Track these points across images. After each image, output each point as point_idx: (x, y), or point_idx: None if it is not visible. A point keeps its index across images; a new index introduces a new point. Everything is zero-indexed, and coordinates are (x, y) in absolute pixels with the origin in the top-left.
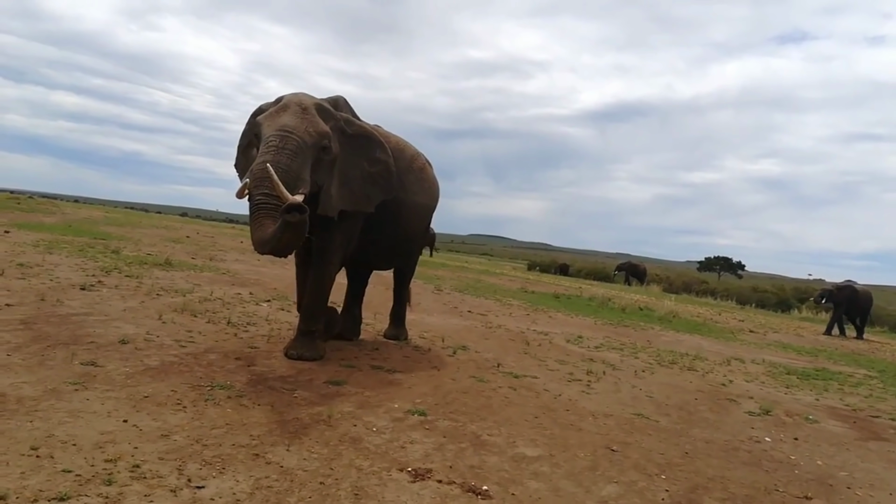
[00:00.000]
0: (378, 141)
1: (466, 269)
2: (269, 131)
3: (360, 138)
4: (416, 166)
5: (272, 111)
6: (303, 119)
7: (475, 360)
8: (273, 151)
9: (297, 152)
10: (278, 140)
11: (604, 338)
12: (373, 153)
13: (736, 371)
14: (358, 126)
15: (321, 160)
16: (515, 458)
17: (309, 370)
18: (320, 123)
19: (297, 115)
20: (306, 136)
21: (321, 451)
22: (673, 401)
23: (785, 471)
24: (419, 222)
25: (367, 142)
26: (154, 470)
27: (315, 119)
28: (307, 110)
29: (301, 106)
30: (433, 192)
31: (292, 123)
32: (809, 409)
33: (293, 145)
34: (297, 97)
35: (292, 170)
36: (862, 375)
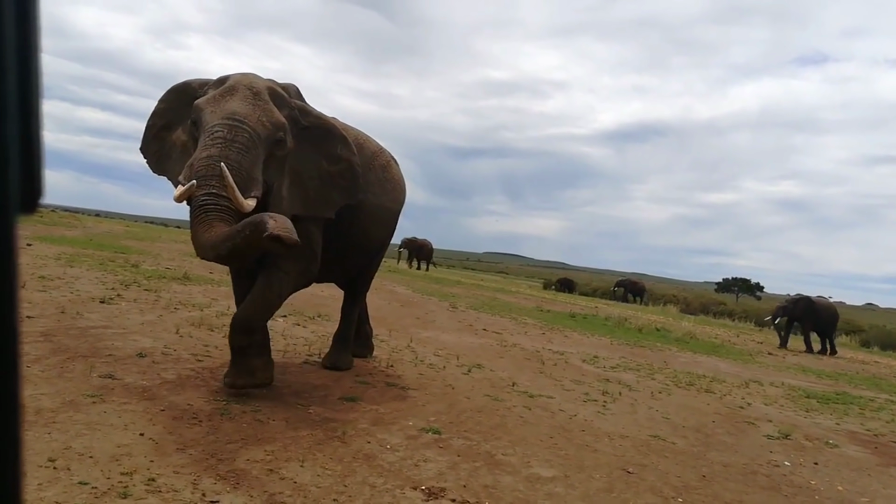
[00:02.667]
0: (340, 135)
1: (482, 287)
2: (214, 119)
3: (317, 131)
4: (378, 164)
5: (217, 94)
6: (255, 106)
7: (490, 379)
8: (220, 144)
9: (249, 147)
10: (226, 131)
11: (620, 358)
12: (333, 149)
13: (754, 394)
14: (315, 117)
15: (274, 156)
16: (530, 478)
17: (324, 386)
18: (275, 112)
19: (249, 102)
20: (259, 128)
21: (335, 467)
22: (690, 423)
23: (804, 496)
24: (380, 228)
25: (327, 136)
26: (169, 484)
27: (269, 107)
28: (259, 95)
29: (252, 90)
30: (397, 194)
31: (243, 111)
32: (829, 433)
33: (244, 138)
34: (248, 78)
35: (243, 168)
36: (883, 400)
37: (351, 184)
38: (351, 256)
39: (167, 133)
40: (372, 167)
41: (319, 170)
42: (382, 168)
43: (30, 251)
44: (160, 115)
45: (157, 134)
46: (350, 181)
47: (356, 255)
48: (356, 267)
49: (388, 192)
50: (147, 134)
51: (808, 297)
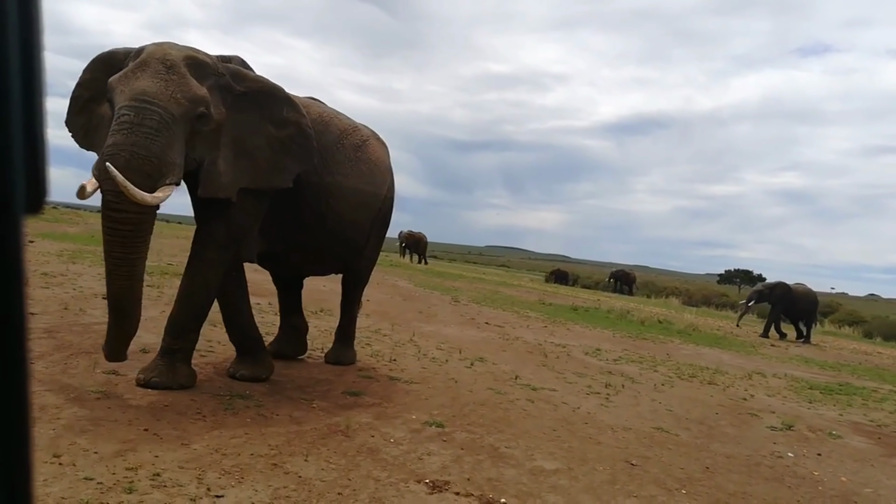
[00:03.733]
0: (283, 96)
1: (484, 281)
2: (122, 100)
3: (257, 96)
4: (349, 143)
5: (128, 70)
6: (167, 82)
7: (493, 372)
8: (126, 130)
9: (160, 129)
10: (133, 114)
11: (622, 350)
12: (278, 112)
13: (757, 385)
14: (252, 80)
15: (199, 132)
16: (533, 471)
17: (327, 381)
18: (192, 86)
19: (160, 77)
20: (173, 106)
21: (339, 461)
22: (693, 415)
23: (808, 487)
24: (356, 213)
25: (269, 99)
26: (174, 479)
27: (185, 80)
28: (174, 68)
29: (165, 63)
30: (375, 178)
31: (153, 89)
32: (833, 424)
33: (153, 121)
34: (161, 50)
35: (153, 153)
36: (887, 391)
37: (303, 148)
38: (328, 245)
39: (95, 105)
40: (341, 146)
41: (267, 137)
42: (355, 147)
43: (32, 248)
44: (86, 87)
45: (84, 106)
46: (302, 145)
47: (334, 244)
48: (340, 257)
49: (362, 173)
50: (72, 106)
51: (784, 283)
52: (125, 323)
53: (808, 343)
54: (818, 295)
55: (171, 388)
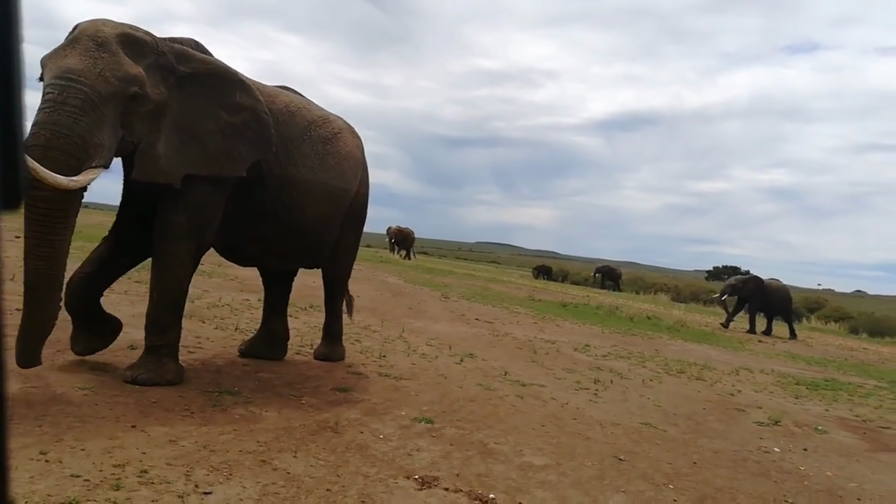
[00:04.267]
0: (236, 79)
1: (474, 277)
2: (49, 77)
3: (206, 79)
4: (318, 136)
5: (59, 47)
6: (96, 59)
7: (482, 368)
8: (49, 109)
9: (85, 109)
10: (57, 92)
11: (611, 346)
12: (230, 97)
13: (744, 381)
14: (200, 62)
15: (134, 113)
16: (522, 466)
17: (316, 377)
18: (123, 64)
19: (90, 55)
20: (100, 85)
21: (328, 457)
22: (681, 410)
23: (794, 482)
24: (323, 208)
25: (220, 82)
26: (162, 475)
27: (117, 59)
28: (105, 45)
29: (96, 40)
30: (345, 172)
31: (80, 67)
32: (819, 419)
33: (78, 100)
34: (94, 26)
35: (76, 133)
36: (872, 386)
37: (259, 134)
38: (291, 239)
39: None
40: (307, 139)
41: (218, 122)
42: (323, 140)
43: (18, 244)
44: None
45: None
46: (257, 131)
47: (298, 238)
48: (306, 252)
49: (329, 167)
50: None
51: (757, 277)
52: (38, 313)
53: (794, 339)
54: (806, 291)
55: (159, 385)
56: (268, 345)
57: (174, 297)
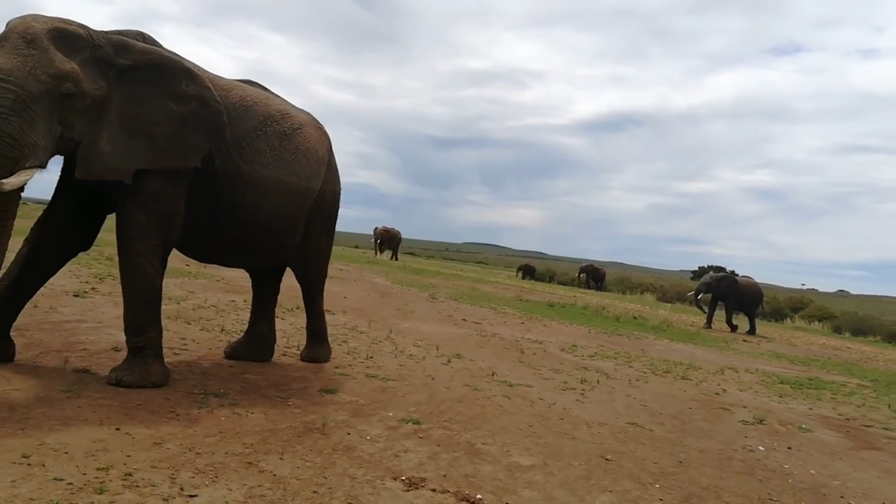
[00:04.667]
0: (181, 69)
1: (461, 278)
2: None
3: (150, 69)
4: (275, 131)
5: None
6: (26, 57)
7: (469, 369)
8: None
9: (15, 109)
10: None
11: (598, 346)
12: (177, 86)
13: (729, 380)
14: (141, 52)
15: (71, 109)
16: (509, 466)
17: (303, 378)
18: (55, 60)
19: (19, 52)
20: (31, 83)
21: (315, 459)
22: (667, 410)
23: (779, 480)
24: (280, 206)
25: (165, 72)
26: (146, 478)
27: (48, 55)
28: (34, 42)
29: (26, 37)
30: (304, 169)
31: (8, 66)
32: (803, 418)
33: (8, 100)
34: (24, 22)
35: (7, 134)
36: (855, 385)
37: (210, 123)
38: (247, 237)
39: None
40: (262, 134)
41: (167, 113)
42: (281, 136)
43: None
44: None
45: None
46: (208, 120)
47: (255, 236)
48: (267, 251)
49: (287, 164)
50: None
51: (731, 275)
52: None
53: (754, 334)
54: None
55: (144, 387)
56: (254, 347)
57: (147, 295)
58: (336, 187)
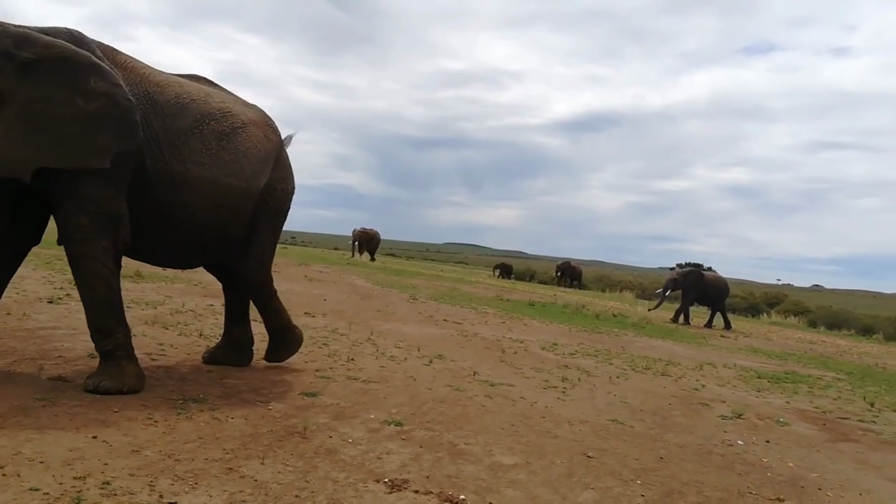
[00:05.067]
0: (87, 63)
1: (442, 278)
2: None
3: (55, 64)
4: (212, 130)
5: None
6: None
7: (451, 369)
8: None
9: None
10: None
11: (578, 344)
12: (84, 83)
13: (708, 375)
14: (46, 46)
15: None
16: (492, 466)
17: (283, 382)
18: None
19: None
20: None
21: (296, 463)
22: (647, 406)
23: (757, 474)
24: (218, 208)
25: (71, 67)
26: (125, 486)
27: None
28: None
29: None
30: (244, 169)
31: None
32: (780, 412)
33: None
34: None
35: None
36: (831, 378)
37: (120, 122)
38: (192, 240)
39: None
40: (198, 133)
41: (73, 110)
42: (219, 135)
43: None
44: None
45: None
46: (118, 118)
47: (199, 239)
48: (206, 252)
49: (225, 164)
50: None
51: (697, 270)
52: None
53: (730, 329)
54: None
55: (122, 392)
56: (232, 352)
57: (106, 298)
58: (286, 185)
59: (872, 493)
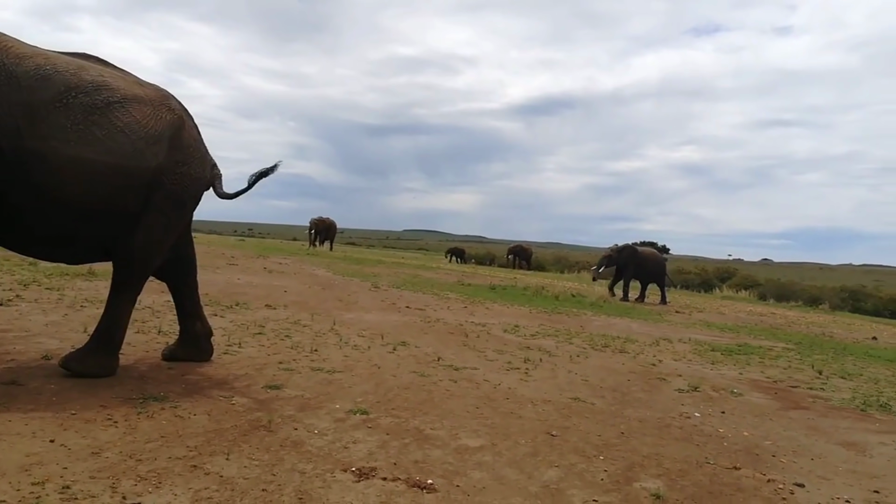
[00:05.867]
0: None
1: (403, 265)
2: None
3: None
4: (81, 104)
5: None
6: None
7: (415, 356)
8: None
9: None
10: None
11: (539, 325)
12: None
13: (665, 351)
14: None
15: None
16: (458, 449)
17: (246, 376)
18: None
19: None
20: None
21: (262, 457)
22: (607, 383)
23: (714, 444)
24: (94, 188)
25: None
26: (86, 490)
27: None
28: None
29: None
30: (122, 147)
31: None
32: (734, 383)
33: None
34: None
35: None
36: (781, 348)
37: None
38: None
39: None
40: (62, 106)
41: None
42: (89, 109)
43: None
44: None
45: None
46: None
47: (71, 225)
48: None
49: (96, 140)
50: None
51: (632, 246)
52: None
53: (665, 304)
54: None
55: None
56: (191, 347)
57: None
58: (189, 169)
59: (823, 458)
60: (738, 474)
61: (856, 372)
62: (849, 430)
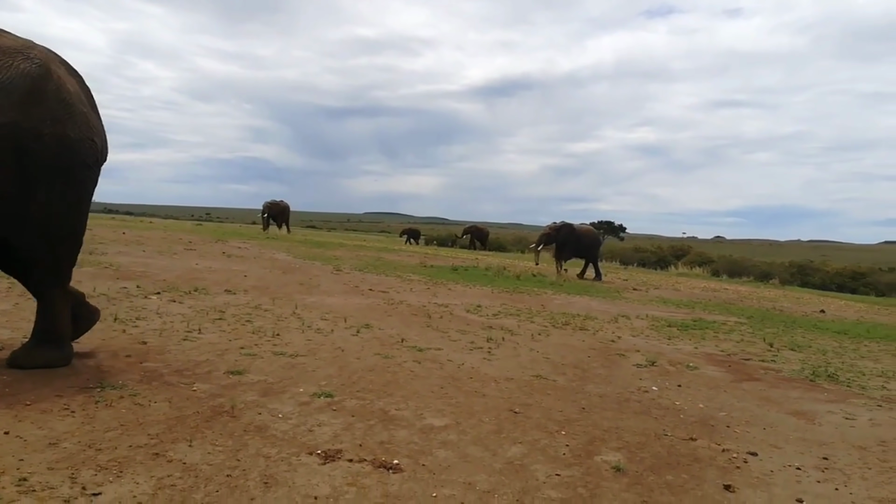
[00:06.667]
0: None
1: (365, 248)
2: None
3: None
4: None
5: None
6: None
7: (379, 338)
8: None
9: None
10: None
11: (501, 305)
12: None
13: (623, 327)
14: None
15: None
16: (424, 429)
17: (207, 362)
18: None
19: None
20: None
21: (226, 443)
22: (568, 360)
23: (672, 416)
24: None
25: None
26: (43, 481)
27: None
28: None
29: None
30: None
31: None
32: (689, 357)
33: None
34: None
35: None
36: (733, 323)
37: None
38: None
39: None
40: None
41: None
42: None
43: None
44: None
45: None
46: None
47: None
48: None
49: None
50: None
51: (569, 223)
52: None
53: (600, 280)
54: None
55: None
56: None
57: None
58: (64, 129)
59: (775, 427)
60: (694, 445)
61: (805, 344)
62: (799, 400)
